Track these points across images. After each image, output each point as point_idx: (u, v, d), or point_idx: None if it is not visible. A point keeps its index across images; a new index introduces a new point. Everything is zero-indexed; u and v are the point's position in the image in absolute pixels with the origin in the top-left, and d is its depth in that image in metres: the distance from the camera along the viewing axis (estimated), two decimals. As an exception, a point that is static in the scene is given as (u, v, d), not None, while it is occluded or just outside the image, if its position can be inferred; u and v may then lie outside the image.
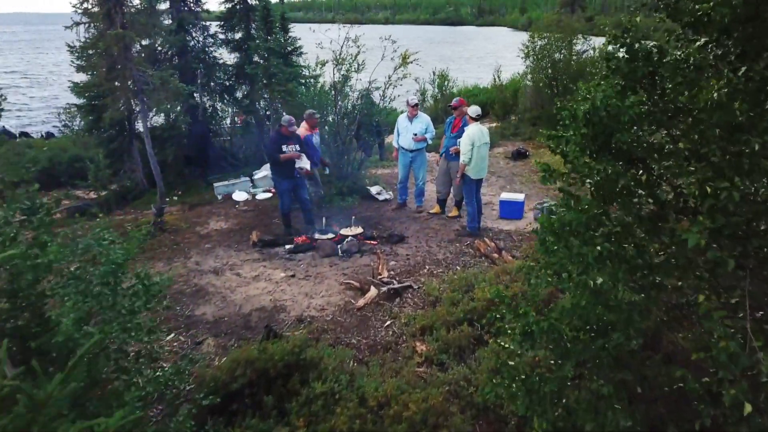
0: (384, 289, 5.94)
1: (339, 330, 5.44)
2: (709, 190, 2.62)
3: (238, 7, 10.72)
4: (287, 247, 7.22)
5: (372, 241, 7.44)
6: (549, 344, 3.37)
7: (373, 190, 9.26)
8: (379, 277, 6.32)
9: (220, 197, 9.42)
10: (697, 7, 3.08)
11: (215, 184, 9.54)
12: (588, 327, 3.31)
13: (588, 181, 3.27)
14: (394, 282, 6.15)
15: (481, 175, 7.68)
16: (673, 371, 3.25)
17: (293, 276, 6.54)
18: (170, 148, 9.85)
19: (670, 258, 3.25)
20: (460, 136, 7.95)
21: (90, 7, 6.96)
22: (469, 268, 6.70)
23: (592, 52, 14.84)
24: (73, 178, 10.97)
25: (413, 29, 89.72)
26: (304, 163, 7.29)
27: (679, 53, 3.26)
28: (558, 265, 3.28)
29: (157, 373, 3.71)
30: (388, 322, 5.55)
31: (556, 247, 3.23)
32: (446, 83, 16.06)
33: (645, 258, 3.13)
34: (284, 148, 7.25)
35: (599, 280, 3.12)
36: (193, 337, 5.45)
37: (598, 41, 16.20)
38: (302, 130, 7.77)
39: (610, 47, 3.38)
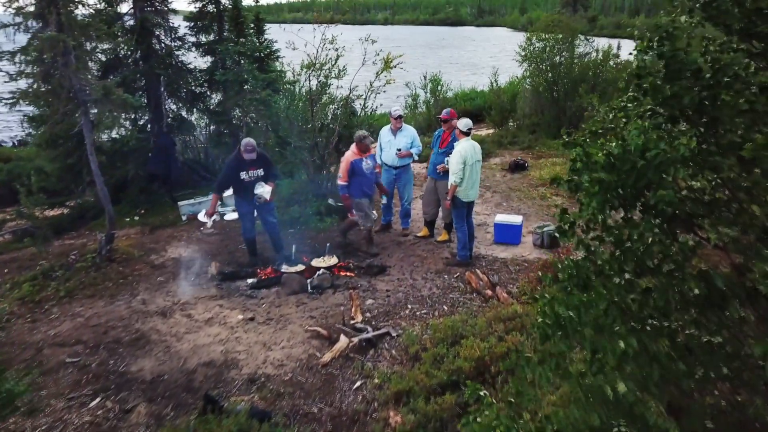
0: (355, 340, 5.01)
1: (298, 394, 4.51)
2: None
3: (209, 7, 9.80)
4: (250, 281, 6.30)
5: (348, 273, 6.52)
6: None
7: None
8: (352, 321, 5.39)
9: (184, 218, 8.49)
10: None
11: (180, 203, 8.61)
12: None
13: (610, 239, 2.36)
14: (369, 329, 5.22)
15: (472, 197, 6.76)
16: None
17: (252, 319, 5.62)
18: (132, 162, 8.93)
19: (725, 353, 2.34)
20: (448, 153, 7.04)
21: (23, 6, 6.06)
22: (457, 307, 5.78)
23: (594, 54, 13.93)
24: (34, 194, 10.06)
25: (411, 29, 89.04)
26: (264, 192, 6.38)
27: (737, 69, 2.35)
28: (562, 361, 2.37)
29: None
30: (359, 383, 4.62)
31: (563, 342, 2.31)
32: (439, 87, 15.12)
33: (688, 362, 2.21)
34: (243, 174, 6.35)
35: (620, 388, 2.20)
36: (122, 402, 4.52)
37: (602, 42, 15.32)
38: (350, 153, 6.77)
39: (641, 56, 2.46)
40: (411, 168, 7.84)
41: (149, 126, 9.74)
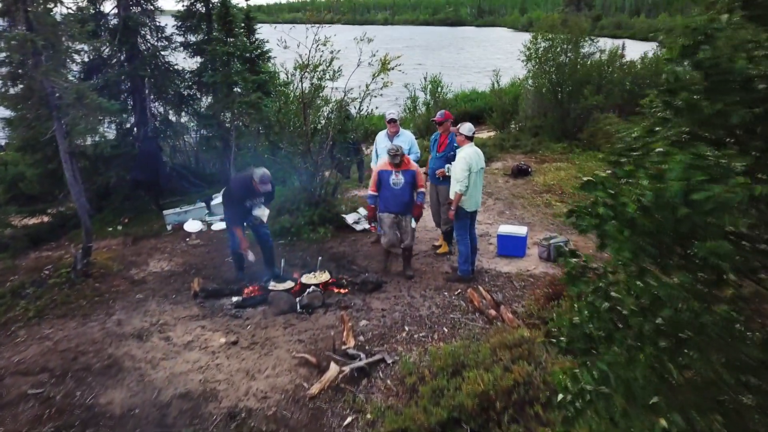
0: (347, 370, 4.55)
1: (282, 432, 4.07)
2: None
3: (197, 5, 9.35)
4: (234, 299, 5.84)
5: (341, 290, 6.06)
6: None
7: (349, 218, 7.89)
8: (344, 347, 4.94)
9: (170, 227, 8.04)
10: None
11: (165, 212, 8.16)
12: None
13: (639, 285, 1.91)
14: (362, 356, 4.77)
15: (477, 206, 6.34)
16: None
17: (235, 343, 5.16)
18: (115, 168, 8.47)
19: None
20: (447, 156, 6.63)
21: (-13, 3, 5.61)
22: (459, 329, 5.33)
23: (599, 54, 13.47)
24: (13, 202, 9.63)
25: (411, 30, 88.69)
26: (263, 215, 6.07)
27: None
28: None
29: None
30: (349, 419, 4.17)
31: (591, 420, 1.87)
32: (439, 89, 14.67)
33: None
34: (248, 203, 5.98)
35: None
36: (87, 441, 4.07)
37: (608, 43, 14.87)
38: (380, 163, 6.40)
39: (673, 67, 2.00)
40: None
41: (135, 130, 9.28)
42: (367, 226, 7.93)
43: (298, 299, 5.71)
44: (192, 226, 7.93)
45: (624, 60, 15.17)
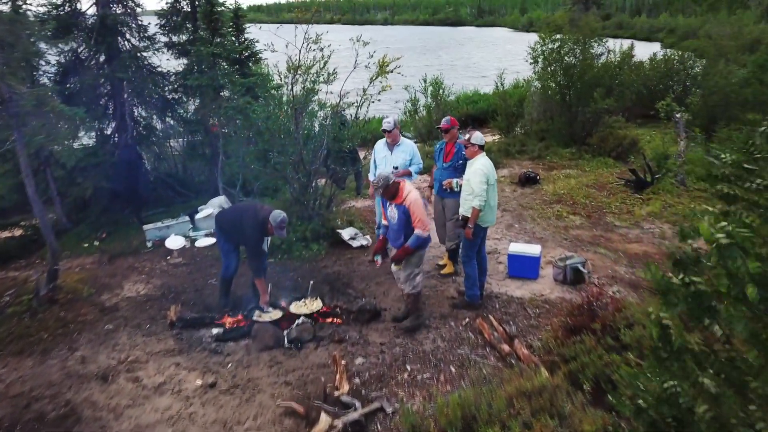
0: (339, 424, 3.91)
1: (261, 505, 3.43)
2: None
3: (181, 2, 8.70)
4: (215, 331, 5.20)
5: (335, 319, 5.42)
6: None
7: (346, 234, 7.24)
8: (337, 393, 4.29)
9: (150, 244, 7.39)
10: None
11: (145, 227, 7.51)
12: None
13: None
14: (357, 404, 4.12)
15: (492, 220, 5.72)
16: None
17: (213, 385, 4.52)
18: (93, 179, 7.81)
19: None
20: (455, 166, 6.01)
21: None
22: (468, 368, 4.69)
23: (607, 54, 12.82)
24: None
25: (411, 30, 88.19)
26: (266, 246, 5.65)
27: None
28: None
29: None
30: (341, 487, 3.53)
31: None
32: (441, 91, 14.02)
33: None
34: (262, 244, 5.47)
35: None
36: None
37: (615, 44, 14.25)
38: None
39: None
40: (410, 188, 6.74)
41: (115, 136, 8.63)
42: (364, 242, 7.31)
43: (285, 332, 5.06)
44: (174, 242, 7.29)
45: (633, 60, 14.55)
